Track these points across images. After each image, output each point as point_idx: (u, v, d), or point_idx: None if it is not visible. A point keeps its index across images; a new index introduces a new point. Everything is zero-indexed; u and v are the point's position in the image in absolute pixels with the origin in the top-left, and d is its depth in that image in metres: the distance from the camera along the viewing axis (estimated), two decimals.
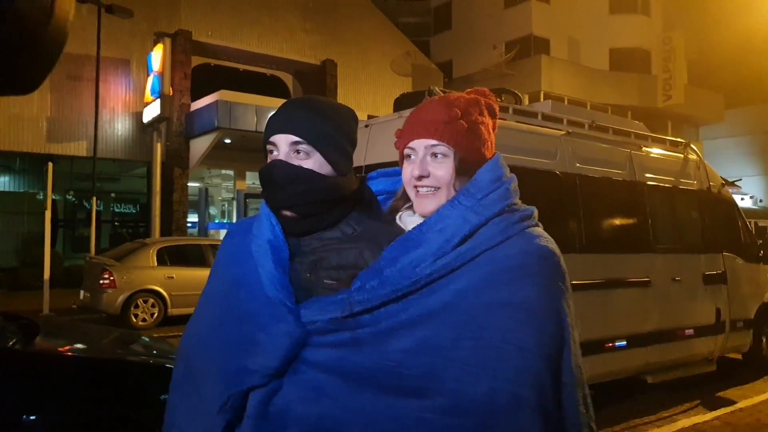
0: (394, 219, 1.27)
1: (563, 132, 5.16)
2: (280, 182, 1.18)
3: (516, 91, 5.75)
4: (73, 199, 17.92)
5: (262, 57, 18.00)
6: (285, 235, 1.21)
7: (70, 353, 3.16)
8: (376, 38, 20.86)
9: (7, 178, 17.05)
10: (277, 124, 1.19)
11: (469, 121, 1.19)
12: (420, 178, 1.18)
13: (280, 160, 1.19)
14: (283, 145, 1.19)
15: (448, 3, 26.41)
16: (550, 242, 1.15)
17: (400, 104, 5.12)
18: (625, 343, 5.15)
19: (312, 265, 1.19)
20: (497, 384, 1.01)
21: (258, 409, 1.08)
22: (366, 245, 1.20)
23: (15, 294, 12.69)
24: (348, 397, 1.05)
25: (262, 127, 1.25)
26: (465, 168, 1.18)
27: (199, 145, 15.35)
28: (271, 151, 1.21)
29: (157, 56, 15.50)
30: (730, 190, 7.20)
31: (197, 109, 15.38)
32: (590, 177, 5.12)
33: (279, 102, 15.31)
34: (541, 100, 6.83)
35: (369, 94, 20.15)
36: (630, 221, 5.51)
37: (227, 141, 15.27)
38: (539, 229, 1.18)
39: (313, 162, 1.19)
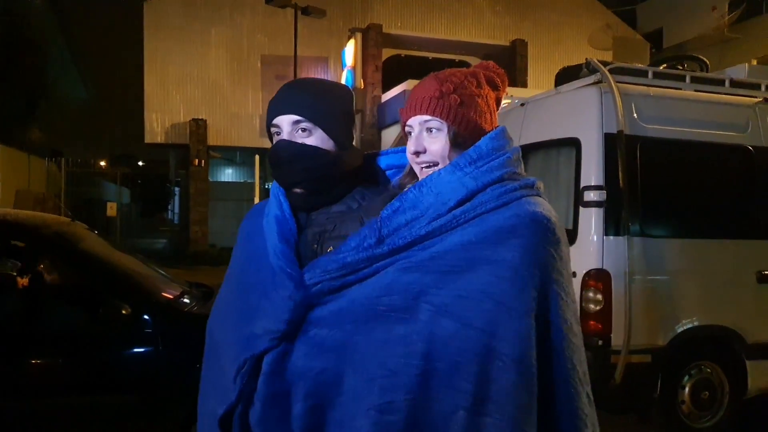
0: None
1: (759, 100, 4.43)
2: (287, 160, 1.26)
3: (703, 58, 5.08)
4: None
5: (450, 43, 18.15)
6: (296, 211, 1.29)
7: None
8: (572, 13, 19.72)
9: (230, 170, 19.67)
10: (278, 107, 1.27)
11: (463, 95, 1.20)
12: (417, 153, 1.22)
13: (284, 140, 1.26)
14: (285, 126, 1.26)
15: None
16: (547, 210, 1.15)
17: (560, 78, 4.84)
18: None
19: (318, 236, 1.26)
20: (471, 332, 1.06)
21: (270, 366, 1.16)
22: (368, 217, 1.23)
23: None
24: (345, 348, 1.12)
25: None
26: (460, 141, 1.20)
27: (390, 135, 16.05)
28: (277, 133, 1.29)
29: (349, 51, 16.48)
30: None
31: (387, 101, 16.07)
32: None
33: None
34: (751, 64, 5.87)
35: None
36: None
37: None
38: (539, 199, 1.18)
39: (315, 138, 1.26)
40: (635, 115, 3.94)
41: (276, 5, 14.04)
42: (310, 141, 1.26)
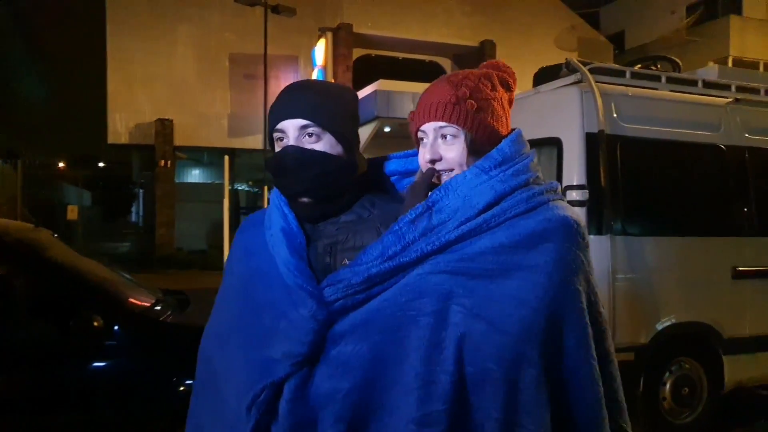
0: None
1: (729, 100, 4.50)
2: (294, 168, 1.16)
3: (675, 59, 5.14)
4: (254, 189, 19.72)
5: (420, 44, 18.19)
6: (300, 222, 1.21)
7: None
8: (539, 14, 19.99)
9: (196, 171, 19.30)
10: (283, 110, 1.18)
11: (479, 99, 1.15)
12: (432, 161, 1.17)
13: (292, 146, 1.17)
14: (291, 131, 1.17)
15: None
16: (574, 214, 1.14)
17: (539, 78, 4.84)
18: None
19: (329, 248, 1.18)
20: (504, 338, 1.03)
21: (293, 393, 1.07)
22: (384, 226, 1.16)
23: (203, 273, 14.31)
24: (372, 363, 1.05)
25: None
26: (477, 147, 1.16)
27: (362, 135, 15.88)
28: (281, 139, 1.19)
29: (320, 51, 16.38)
30: None
31: (359, 100, 16.00)
32: (764, 149, 4.42)
33: None
34: (720, 66, 6.05)
35: (532, 74, 19.39)
36: None
37: (387, 129, 15.68)
38: (564, 203, 1.17)
39: (324, 143, 1.17)
40: (615, 114, 3.96)
41: (245, 3, 13.84)
42: (319, 146, 1.16)
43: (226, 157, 10.61)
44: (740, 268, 4.22)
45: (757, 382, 4.50)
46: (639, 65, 4.79)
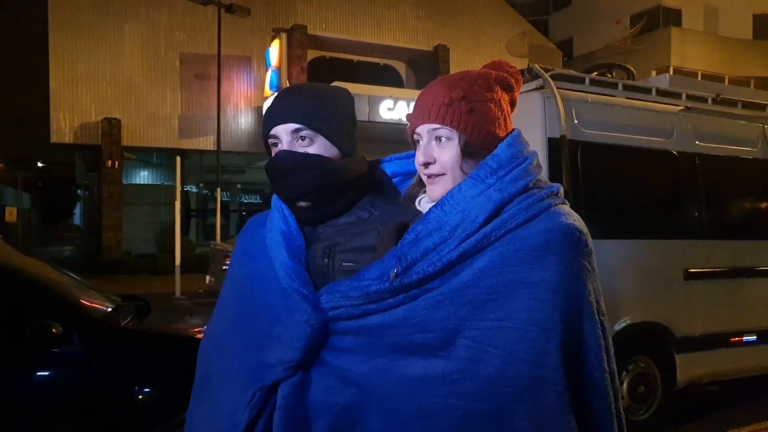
0: (413, 204, 1.22)
1: (681, 108, 4.69)
2: (289, 172, 1.16)
3: (629, 67, 5.31)
4: (205, 191, 19.31)
5: (375, 47, 18.24)
6: (300, 225, 1.19)
7: (181, 332, 3.39)
8: (491, 20, 20.38)
9: (145, 172, 18.76)
10: (275, 116, 1.17)
11: (473, 100, 1.12)
12: (426, 164, 1.14)
13: (285, 150, 1.16)
14: (284, 135, 1.16)
15: None
16: (576, 220, 1.09)
17: None
18: (755, 337, 4.64)
19: (328, 249, 1.16)
20: (519, 366, 0.99)
21: (286, 400, 1.06)
22: (385, 227, 1.15)
23: (153, 278, 13.93)
24: (372, 384, 1.03)
25: (375, 117, 1.25)
26: (472, 150, 1.12)
27: None
28: (275, 144, 1.19)
29: (274, 52, 16.20)
30: None
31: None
32: (712, 156, 4.62)
33: (391, 91, 15.41)
34: (662, 74, 6.33)
35: None
36: (762, 204, 4.91)
37: None
38: (566, 207, 1.12)
39: (318, 146, 1.17)
40: (575, 120, 4.06)
41: (198, 2, 13.56)
42: (312, 150, 1.16)
43: (179, 158, 10.34)
44: (692, 270, 4.40)
45: (707, 379, 4.69)
46: (596, 72, 4.93)
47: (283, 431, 1.04)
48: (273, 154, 1.19)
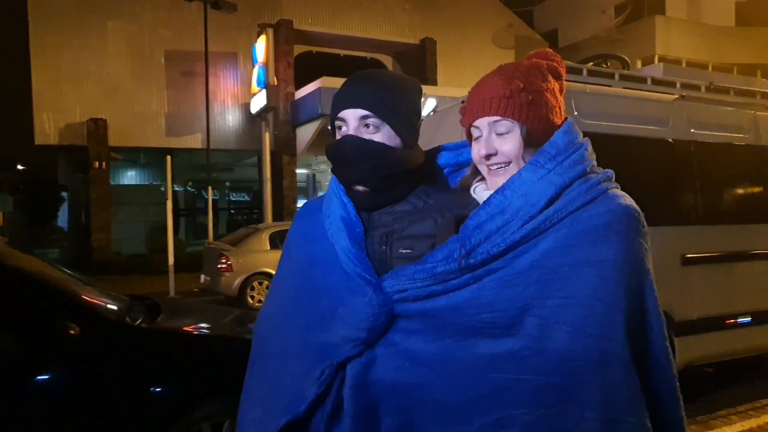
0: (467, 193, 1.25)
1: (676, 96, 4.77)
2: (352, 157, 1.19)
3: (623, 56, 5.40)
4: (193, 189, 19.18)
5: (361, 41, 18.19)
6: (358, 212, 1.23)
7: (194, 331, 3.41)
8: (477, 12, 20.40)
9: (133, 172, 18.59)
10: (345, 100, 1.20)
11: (533, 91, 1.14)
12: (488, 156, 1.16)
13: (351, 135, 1.19)
14: (352, 120, 1.19)
15: None
16: (632, 202, 1.14)
17: None
18: (749, 319, 4.78)
19: (385, 236, 1.21)
20: (587, 341, 1.03)
21: (355, 379, 1.11)
22: (440, 216, 1.20)
23: (145, 278, 13.85)
24: (442, 363, 1.07)
25: None
26: (533, 140, 1.15)
27: (305, 133, 15.84)
28: (340, 127, 1.22)
29: (260, 47, 16.10)
30: None
31: (301, 98, 15.85)
32: (707, 143, 4.72)
33: None
34: (656, 63, 6.44)
35: (471, 71, 19.76)
36: (754, 189, 5.03)
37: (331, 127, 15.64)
38: (620, 191, 1.16)
39: (383, 135, 1.20)
40: (575, 111, 4.12)
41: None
42: (377, 138, 1.19)
43: (169, 158, 10.27)
44: (688, 255, 4.49)
45: (704, 361, 4.82)
46: (591, 63, 5.00)
47: (354, 408, 1.09)
48: (337, 137, 1.22)
